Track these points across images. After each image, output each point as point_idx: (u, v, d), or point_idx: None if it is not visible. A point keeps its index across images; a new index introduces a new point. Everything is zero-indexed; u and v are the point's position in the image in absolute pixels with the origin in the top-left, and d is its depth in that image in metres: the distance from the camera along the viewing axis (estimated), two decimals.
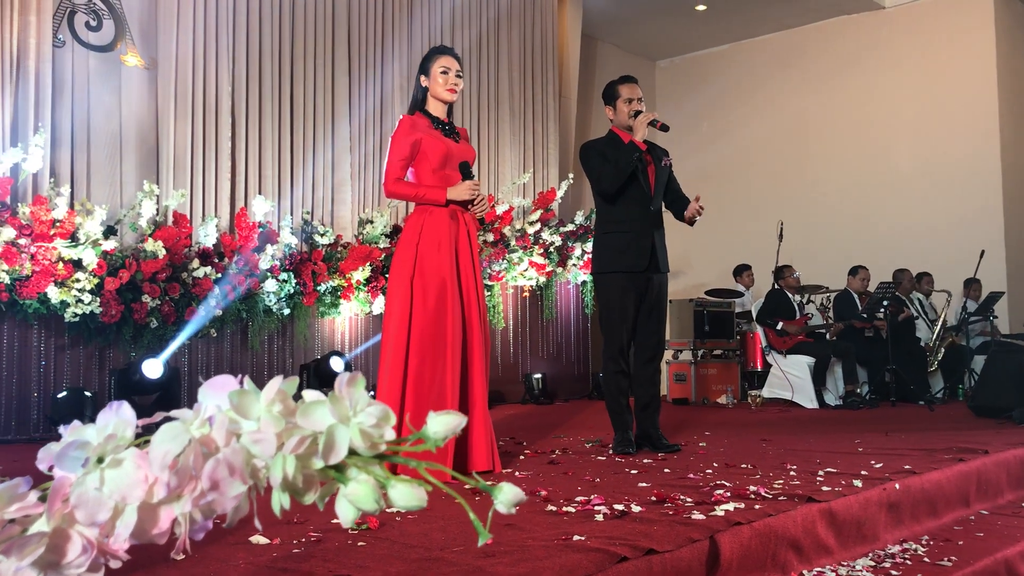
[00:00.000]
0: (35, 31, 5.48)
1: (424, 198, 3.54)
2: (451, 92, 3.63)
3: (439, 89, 3.62)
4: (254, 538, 2.17)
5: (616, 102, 4.25)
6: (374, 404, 0.58)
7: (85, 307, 5.32)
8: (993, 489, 3.59)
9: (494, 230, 7.93)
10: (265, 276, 6.23)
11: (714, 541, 2.17)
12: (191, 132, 6.20)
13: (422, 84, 3.66)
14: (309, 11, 7.01)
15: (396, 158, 3.56)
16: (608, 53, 10.87)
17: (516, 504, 0.60)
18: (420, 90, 3.67)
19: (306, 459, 0.57)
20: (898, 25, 9.98)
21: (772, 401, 7.64)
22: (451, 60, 3.64)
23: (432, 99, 3.65)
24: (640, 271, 4.12)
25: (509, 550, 2.00)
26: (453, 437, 0.59)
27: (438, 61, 3.63)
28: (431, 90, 3.64)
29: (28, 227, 5.14)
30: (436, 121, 3.63)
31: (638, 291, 4.14)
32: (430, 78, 3.63)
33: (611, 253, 4.17)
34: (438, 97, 3.64)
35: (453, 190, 3.54)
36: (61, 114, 5.66)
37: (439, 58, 3.64)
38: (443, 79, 3.61)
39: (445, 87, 3.61)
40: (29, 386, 5.27)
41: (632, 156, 4.05)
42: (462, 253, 3.53)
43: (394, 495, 0.58)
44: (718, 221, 10.68)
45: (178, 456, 0.58)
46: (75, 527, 0.59)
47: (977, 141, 9.39)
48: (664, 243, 4.25)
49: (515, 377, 8.22)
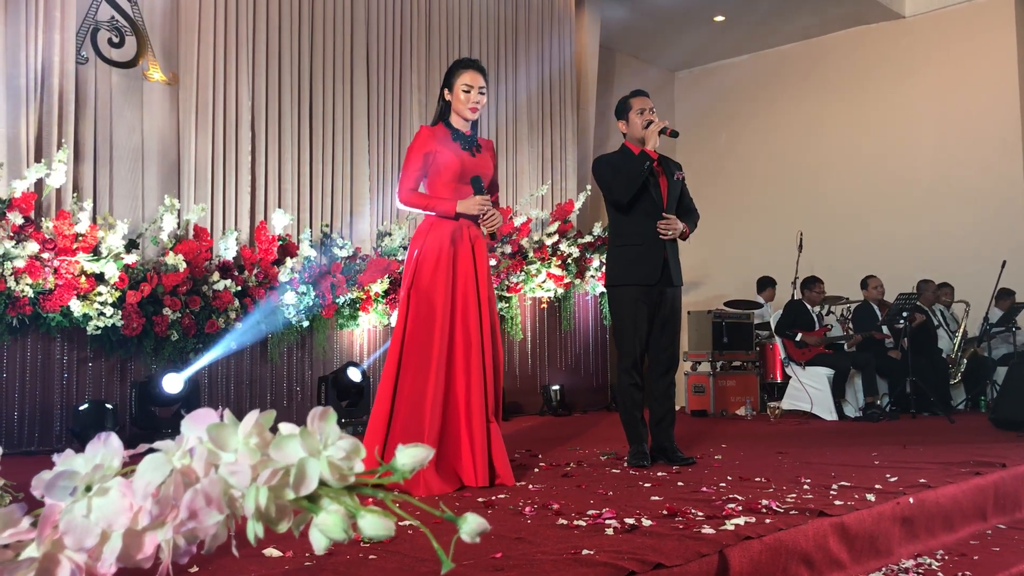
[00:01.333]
0: (59, 49, 5.57)
1: (435, 209, 3.57)
2: (473, 111, 3.63)
3: (461, 107, 3.63)
4: (267, 551, 2.19)
5: (628, 115, 4.27)
6: (344, 438, 0.61)
7: (107, 320, 5.39)
8: (1011, 503, 3.57)
9: (512, 242, 7.96)
10: (284, 289, 6.29)
11: (723, 555, 2.17)
12: (212, 146, 6.28)
13: (445, 98, 3.67)
14: (328, 26, 7.08)
15: (411, 168, 3.58)
16: (627, 64, 10.89)
17: (480, 534, 0.62)
18: (443, 103, 3.69)
19: (279, 490, 0.60)
20: (918, 34, 9.93)
21: (791, 413, 7.60)
22: (475, 76, 3.63)
23: (454, 113, 3.67)
24: (652, 284, 4.13)
25: (518, 563, 2.02)
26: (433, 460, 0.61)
27: (461, 78, 3.63)
28: (453, 105, 3.65)
29: (51, 241, 5.22)
30: (456, 133, 3.64)
31: (650, 304, 4.15)
32: (453, 94, 3.64)
33: (623, 266, 4.19)
34: (460, 114, 3.65)
35: (463, 204, 3.56)
36: (84, 130, 5.75)
37: (463, 74, 3.63)
38: (465, 97, 3.61)
39: (467, 105, 3.62)
40: (52, 398, 5.34)
41: (643, 165, 4.07)
42: (462, 268, 3.53)
43: (364, 525, 0.60)
44: (737, 232, 10.68)
45: (160, 486, 0.60)
46: (64, 552, 0.61)
47: (998, 150, 9.32)
48: (677, 257, 4.26)
49: (533, 388, 8.23)
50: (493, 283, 3.76)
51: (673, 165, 4.33)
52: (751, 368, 8.37)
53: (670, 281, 4.17)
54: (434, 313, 3.45)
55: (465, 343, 3.48)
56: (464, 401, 3.45)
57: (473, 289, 3.54)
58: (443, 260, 3.50)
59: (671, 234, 4.15)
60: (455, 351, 3.48)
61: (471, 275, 3.55)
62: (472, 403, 3.44)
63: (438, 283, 3.47)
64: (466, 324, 3.50)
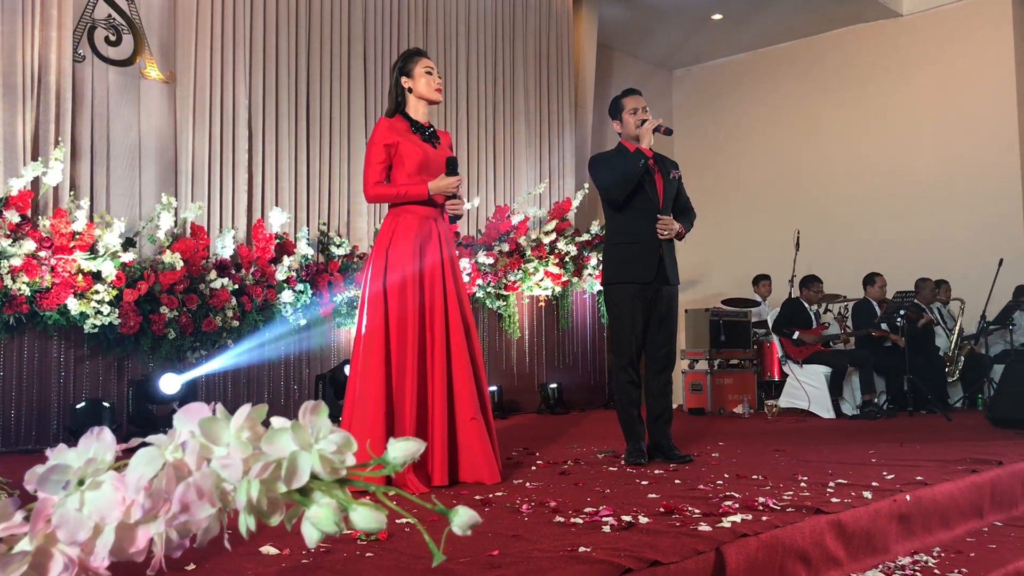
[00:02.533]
0: (56, 47, 5.57)
1: (406, 196, 3.51)
2: (438, 92, 3.61)
3: (425, 89, 3.58)
4: (264, 548, 2.19)
5: (622, 115, 4.27)
6: (336, 431, 0.61)
7: (104, 318, 5.38)
8: (1007, 500, 3.57)
9: (510, 240, 7.96)
10: (282, 287, 6.28)
11: (720, 553, 2.18)
12: (209, 145, 6.27)
13: (404, 85, 3.61)
14: (325, 24, 7.08)
15: (374, 161, 3.53)
16: (624, 62, 10.89)
17: (471, 527, 0.62)
18: (401, 92, 3.62)
19: (271, 483, 0.60)
20: (916, 33, 9.94)
21: (789, 411, 7.61)
22: (431, 61, 3.63)
23: (415, 101, 3.61)
24: (647, 282, 4.13)
25: (514, 561, 2.02)
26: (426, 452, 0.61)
27: (421, 62, 3.59)
28: (416, 90, 3.59)
29: (48, 240, 5.22)
30: (416, 125, 3.60)
31: (646, 302, 4.15)
32: (413, 79, 3.59)
33: (619, 264, 4.19)
34: (425, 97, 3.61)
35: (435, 184, 3.51)
36: (81, 128, 5.74)
37: (420, 59, 3.61)
38: (428, 79, 3.58)
39: (432, 87, 3.59)
40: (49, 396, 5.34)
41: (638, 163, 4.07)
42: (430, 264, 3.49)
43: (355, 518, 0.61)
44: (735, 230, 10.68)
45: (152, 479, 0.60)
46: (57, 546, 0.61)
47: (996, 149, 9.33)
48: (674, 255, 4.26)
49: (531, 387, 8.23)
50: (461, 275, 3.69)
51: (669, 163, 4.33)
52: (748, 366, 8.38)
53: (666, 279, 4.17)
54: (406, 305, 3.43)
55: (431, 341, 3.46)
56: (430, 399, 3.44)
57: (440, 285, 3.49)
58: (413, 251, 3.48)
59: (667, 234, 4.15)
60: (423, 350, 3.46)
61: (438, 271, 3.51)
62: (435, 401, 3.42)
63: (409, 280, 3.44)
64: (432, 322, 3.47)
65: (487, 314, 7.95)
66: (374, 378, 3.35)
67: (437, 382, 3.43)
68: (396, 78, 3.63)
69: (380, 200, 3.63)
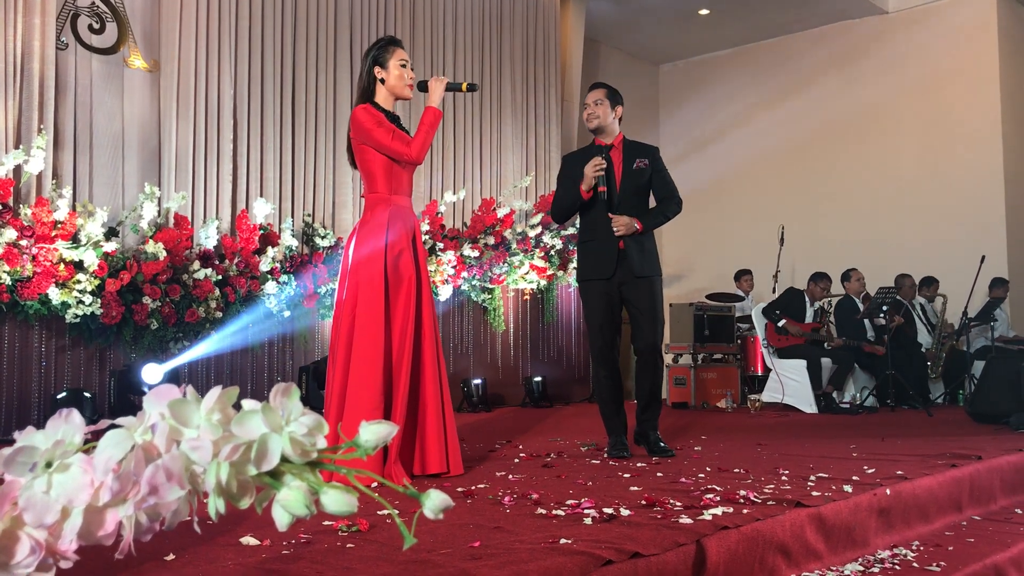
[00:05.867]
0: (39, 34, 5.52)
1: (433, 126, 3.46)
2: (410, 88, 3.53)
3: (397, 83, 3.49)
4: (244, 539, 2.19)
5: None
6: (307, 414, 0.60)
7: (86, 308, 5.35)
8: (986, 495, 3.60)
9: (495, 233, 7.95)
10: (265, 278, 6.26)
11: (700, 545, 2.18)
12: (193, 134, 6.23)
13: (377, 75, 3.51)
14: (311, 14, 7.04)
15: (385, 129, 3.40)
16: (611, 56, 10.89)
17: (443, 510, 0.62)
18: (372, 81, 3.52)
19: (241, 466, 0.59)
20: (901, 29, 9.98)
21: (771, 406, 7.63)
22: (406, 54, 3.54)
23: (385, 92, 3.52)
24: (608, 278, 4.12)
25: (495, 552, 2.02)
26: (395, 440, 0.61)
27: (396, 54, 3.49)
28: (388, 83, 3.49)
29: (30, 228, 5.18)
30: (389, 115, 3.50)
31: (613, 297, 4.15)
32: (387, 71, 3.49)
33: (583, 261, 4.24)
34: (395, 92, 3.52)
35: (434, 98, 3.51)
36: (64, 116, 5.69)
37: (396, 51, 3.50)
38: (401, 73, 3.49)
39: (405, 82, 3.50)
40: (30, 386, 5.30)
41: (579, 190, 4.07)
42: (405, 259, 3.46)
43: (326, 501, 0.60)
44: (719, 225, 10.71)
45: (121, 461, 0.60)
46: (24, 529, 0.61)
47: (980, 145, 9.38)
48: (643, 247, 4.15)
49: (515, 380, 8.24)
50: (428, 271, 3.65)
51: (641, 151, 4.24)
52: (732, 361, 8.41)
53: (631, 273, 4.12)
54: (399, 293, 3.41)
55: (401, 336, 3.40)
56: (431, 385, 3.44)
57: (415, 278, 3.46)
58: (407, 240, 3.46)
59: (620, 231, 4.06)
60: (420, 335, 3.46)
61: (412, 265, 3.47)
62: (432, 387, 3.42)
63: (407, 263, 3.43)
64: (407, 316, 3.41)
65: (472, 307, 7.95)
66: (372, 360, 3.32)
67: (427, 370, 3.42)
68: (369, 66, 3.54)
69: (426, 146, 3.47)
